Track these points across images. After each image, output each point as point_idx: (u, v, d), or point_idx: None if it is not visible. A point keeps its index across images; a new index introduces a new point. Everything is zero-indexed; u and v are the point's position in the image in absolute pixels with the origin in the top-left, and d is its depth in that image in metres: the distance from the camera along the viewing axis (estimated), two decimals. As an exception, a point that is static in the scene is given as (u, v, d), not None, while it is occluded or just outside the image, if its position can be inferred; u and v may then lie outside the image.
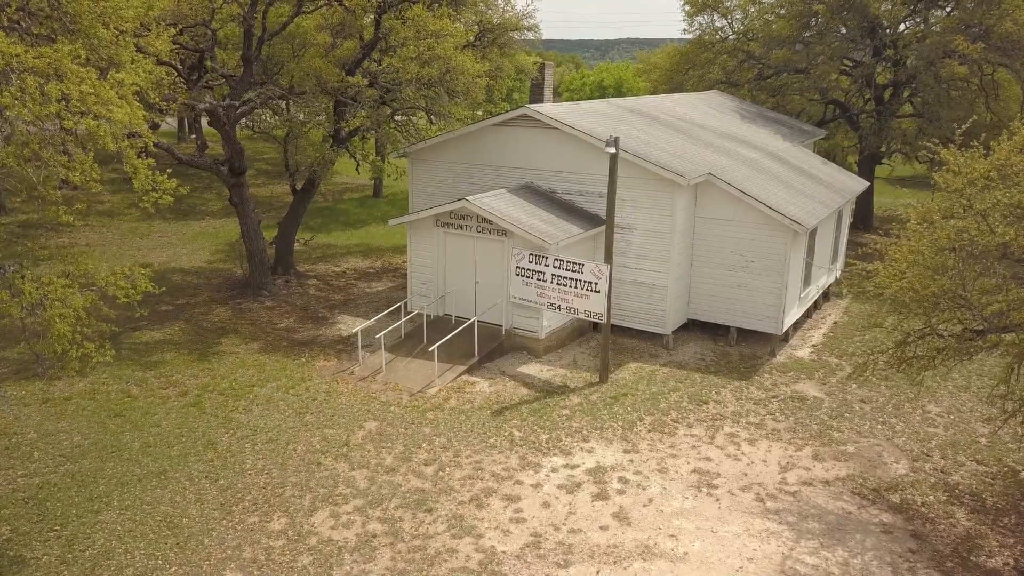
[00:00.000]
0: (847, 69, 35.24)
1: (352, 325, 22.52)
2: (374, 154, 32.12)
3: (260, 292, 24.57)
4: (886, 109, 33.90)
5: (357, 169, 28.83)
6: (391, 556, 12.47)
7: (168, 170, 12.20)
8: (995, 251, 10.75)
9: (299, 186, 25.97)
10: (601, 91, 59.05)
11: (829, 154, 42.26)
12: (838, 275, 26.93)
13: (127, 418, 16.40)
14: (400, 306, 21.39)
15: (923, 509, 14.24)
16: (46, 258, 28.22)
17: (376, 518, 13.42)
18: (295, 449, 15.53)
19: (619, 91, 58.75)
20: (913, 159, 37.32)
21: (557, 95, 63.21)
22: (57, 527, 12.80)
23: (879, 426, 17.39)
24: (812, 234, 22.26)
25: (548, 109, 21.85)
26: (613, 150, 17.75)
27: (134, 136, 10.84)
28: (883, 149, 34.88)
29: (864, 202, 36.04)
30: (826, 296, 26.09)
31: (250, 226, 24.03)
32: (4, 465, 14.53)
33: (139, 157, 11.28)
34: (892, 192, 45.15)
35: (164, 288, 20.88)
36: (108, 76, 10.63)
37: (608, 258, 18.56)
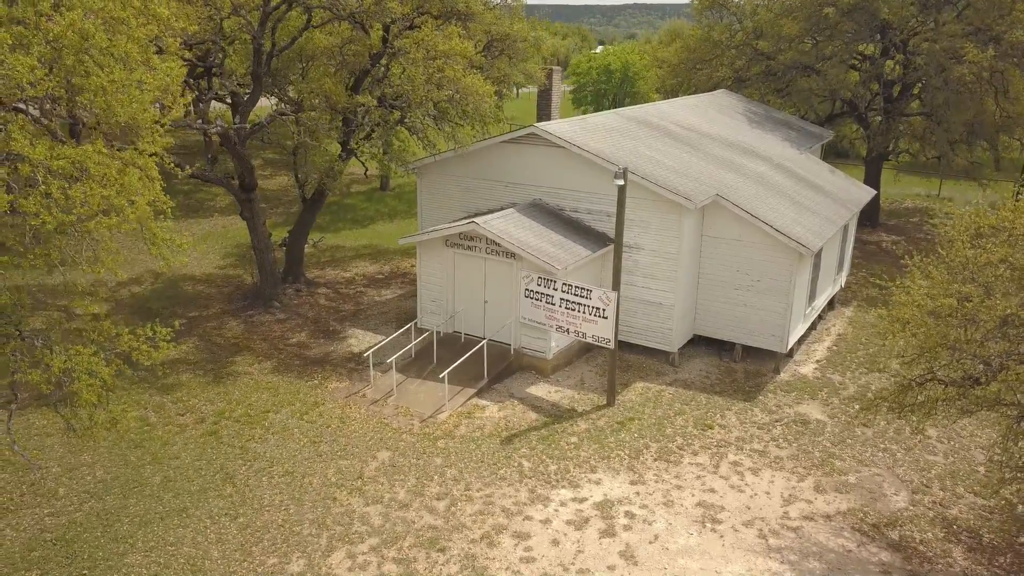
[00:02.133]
0: (856, 64, 35.05)
1: (363, 339, 22.88)
2: (382, 153, 32.24)
3: (271, 303, 24.91)
4: (894, 108, 33.79)
5: (366, 174, 28.95)
6: (406, 600, 12.95)
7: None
8: (996, 321, 11.01)
9: (308, 196, 26.16)
10: (607, 75, 58.82)
11: (837, 145, 42.15)
12: (843, 284, 27.16)
13: (147, 449, 16.85)
14: (411, 326, 21.68)
15: (921, 547, 14.66)
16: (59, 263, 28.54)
17: (391, 558, 13.89)
18: (311, 482, 15.98)
19: (625, 75, 58.52)
20: (921, 155, 37.23)
21: (563, 67, 62.62)
22: (86, 571, 13.30)
23: (880, 453, 17.77)
24: (818, 252, 22.42)
25: (556, 128, 21.92)
26: (622, 182, 17.91)
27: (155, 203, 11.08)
28: (890, 148, 34.80)
29: (869, 206, 36.05)
30: (831, 305, 26.32)
31: (261, 239, 24.28)
32: (31, 503, 15.02)
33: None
34: (900, 181, 45.05)
35: (184, 345, 21.29)
36: (130, 145, 10.84)
37: (616, 285, 18.81)
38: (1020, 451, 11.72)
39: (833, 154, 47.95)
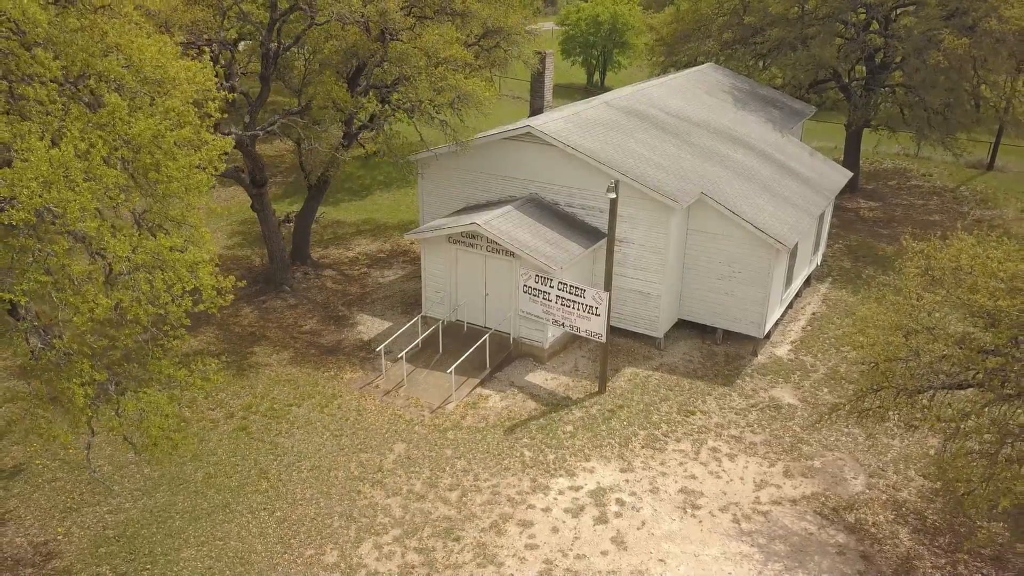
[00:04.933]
0: (841, 32, 35.97)
1: (371, 326, 24.54)
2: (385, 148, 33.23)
3: (282, 288, 26.43)
4: (875, 79, 34.92)
5: (366, 156, 30.02)
6: (428, 587, 15.01)
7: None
8: (936, 359, 12.81)
9: (313, 182, 27.36)
10: (596, 27, 59.15)
11: (822, 105, 43.21)
12: (819, 261, 28.92)
13: (185, 446, 18.61)
14: (418, 319, 23.31)
15: (873, 529, 16.85)
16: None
17: (413, 548, 15.91)
18: (336, 476, 17.89)
19: (614, 27, 58.94)
20: (900, 125, 38.49)
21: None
22: (148, 566, 15.25)
23: (844, 438, 19.85)
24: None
25: (551, 127, 23.08)
26: (614, 195, 19.35)
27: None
28: (872, 119, 36.07)
29: (850, 167, 37.48)
30: (807, 282, 28.11)
31: (271, 229, 25.65)
32: (91, 501, 16.86)
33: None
34: (881, 142, 46.35)
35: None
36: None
37: (607, 286, 20.46)
38: (950, 477, 13.72)
39: (819, 108, 49.03)
